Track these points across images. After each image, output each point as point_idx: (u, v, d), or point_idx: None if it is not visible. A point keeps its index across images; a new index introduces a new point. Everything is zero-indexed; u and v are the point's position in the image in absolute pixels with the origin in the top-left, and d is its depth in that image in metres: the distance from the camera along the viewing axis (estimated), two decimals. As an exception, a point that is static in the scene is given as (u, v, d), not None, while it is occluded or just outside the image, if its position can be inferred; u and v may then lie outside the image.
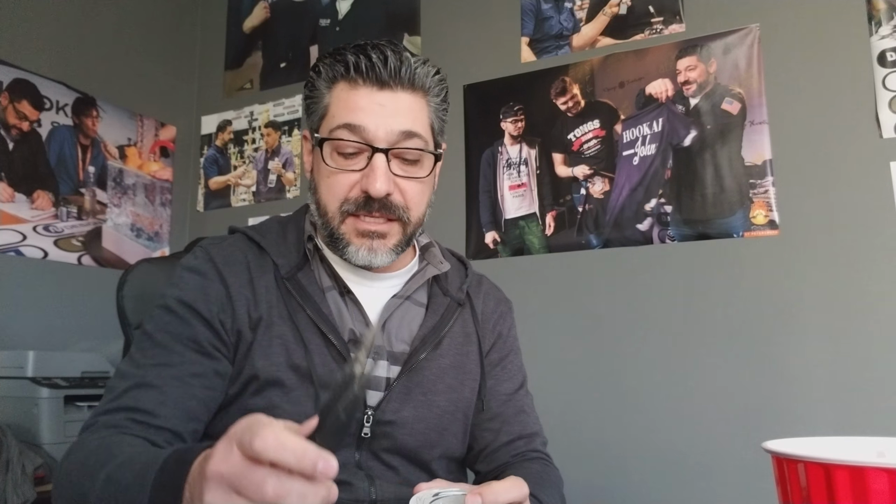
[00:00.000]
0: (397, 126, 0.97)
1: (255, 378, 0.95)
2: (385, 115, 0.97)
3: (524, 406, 1.13)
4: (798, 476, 0.58)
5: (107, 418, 0.89)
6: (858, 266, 2.03)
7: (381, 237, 1.00)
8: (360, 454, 0.98)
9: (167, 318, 0.97)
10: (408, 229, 1.02)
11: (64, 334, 2.51)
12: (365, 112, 0.96)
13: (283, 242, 1.06)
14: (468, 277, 1.15)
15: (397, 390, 1.00)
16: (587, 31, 2.50)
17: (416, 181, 1.00)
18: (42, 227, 2.54)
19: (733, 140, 2.22)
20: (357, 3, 2.98)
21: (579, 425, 2.29)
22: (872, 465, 0.54)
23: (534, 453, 1.09)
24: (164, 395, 0.90)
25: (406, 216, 1.00)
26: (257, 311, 0.98)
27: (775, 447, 0.62)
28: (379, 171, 0.96)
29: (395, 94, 0.98)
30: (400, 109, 0.98)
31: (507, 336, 1.16)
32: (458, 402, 1.06)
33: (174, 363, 0.93)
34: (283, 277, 1.01)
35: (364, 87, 0.97)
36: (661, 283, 2.26)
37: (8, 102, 2.47)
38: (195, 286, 0.98)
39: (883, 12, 2.08)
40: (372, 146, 0.96)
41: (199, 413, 0.94)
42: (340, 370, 0.67)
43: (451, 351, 1.07)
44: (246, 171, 3.09)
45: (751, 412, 2.09)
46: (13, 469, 1.80)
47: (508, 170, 2.56)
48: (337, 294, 1.03)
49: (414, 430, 1.01)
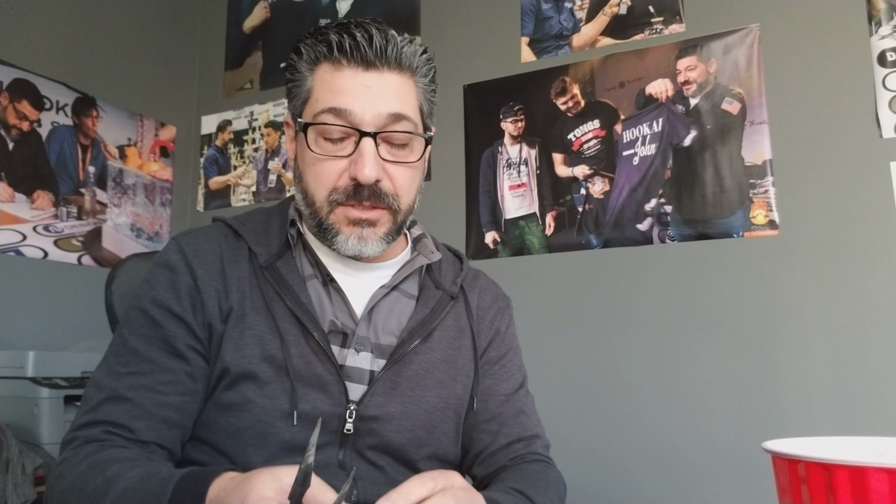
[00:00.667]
0: (385, 108, 0.92)
1: (227, 372, 0.91)
2: (372, 97, 0.91)
3: (524, 407, 1.06)
4: (798, 476, 0.58)
5: (86, 433, 0.87)
6: (858, 266, 2.03)
7: (371, 225, 0.94)
8: (344, 453, 0.93)
9: (140, 320, 0.93)
10: (398, 217, 0.97)
11: (64, 334, 2.51)
12: (350, 95, 0.91)
13: (264, 230, 1.01)
14: (463, 271, 1.10)
15: (382, 384, 0.95)
16: (587, 31, 2.50)
17: (406, 166, 0.95)
18: (42, 227, 2.55)
19: (733, 140, 2.22)
20: (357, 3, 2.98)
21: (578, 425, 2.29)
22: (873, 465, 0.54)
23: (533, 455, 1.03)
24: (138, 408, 0.88)
25: (396, 204, 0.95)
26: (228, 302, 0.93)
27: (775, 447, 0.62)
28: (368, 156, 0.91)
29: (382, 75, 0.93)
30: (387, 91, 0.92)
31: (505, 333, 1.10)
32: (449, 398, 1.00)
33: (145, 371, 0.90)
34: (262, 266, 0.96)
35: (349, 68, 0.92)
36: (661, 283, 2.26)
37: (8, 102, 2.47)
38: (165, 282, 0.94)
39: (883, 12, 2.08)
40: (359, 130, 0.91)
41: (179, 419, 0.90)
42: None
43: (442, 345, 1.02)
44: (246, 171, 3.09)
45: (750, 412, 2.09)
46: (13, 469, 1.80)
47: (508, 170, 2.56)
48: (319, 283, 0.98)
49: (401, 426, 0.95)
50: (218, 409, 0.92)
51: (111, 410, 0.88)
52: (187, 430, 0.92)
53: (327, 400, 0.92)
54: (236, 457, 0.90)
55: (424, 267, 1.06)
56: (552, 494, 0.95)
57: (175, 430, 0.90)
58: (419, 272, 1.06)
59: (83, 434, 0.87)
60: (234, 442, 0.90)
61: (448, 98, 2.70)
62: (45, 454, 1.95)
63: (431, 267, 1.07)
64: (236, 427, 0.90)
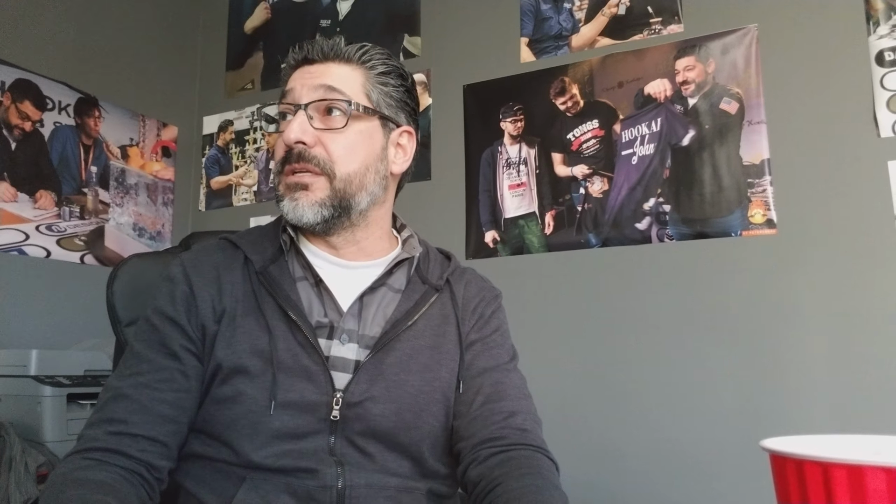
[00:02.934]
0: (318, 82, 1.03)
1: (220, 368, 0.97)
2: (310, 78, 1.04)
3: (503, 379, 1.06)
4: (796, 475, 0.59)
5: (90, 432, 0.94)
6: (856, 264, 2.04)
7: (303, 188, 1.02)
8: (335, 439, 0.97)
9: (144, 327, 1.02)
10: (335, 184, 1.02)
11: (66, 333, 2.52)
12: (292, 82, 1.05)
13: (259, 240, 1.08)
14: (450, 267, 1.14)
15: (366, 371, 0.99)
16: (586, 32, 2.51)
17: (338, 134, 1.02)
18: (45, 227, 2.55)
19: (731, 140, 2.23)
20: (357, 4, 2.99)
21: (578, 424, 2.29)
22: (870, 463, 0.54)
23: (517, 447, 0.97)
24: (136, 404, 0.95)
25: (329, 168, 1.01)
26: (221, 305, 1.01)
27: (773, 445, 0.62)
28: (294, 122, 1.01)
29: (326, 65, 1.05)
30: (326, 74, 1.04)
31: (489, 317, 1.12)
32: (435, 381, 1.03)
33: (144, 371, 0.97)
34: (257, 271, 1.03)
35: (296, 68, 1.07)
36: (660, 281, 2.27)
37: (10, 102, 2.47)
38: (166, 293, 1.03)
39: (881, 12, 2.09)
40: (295, 104, 1.03)
41: (173, 414, 0.96)
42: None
43: (426, 332, 1.05)
44: (247, 171, 3.10)
45: (748, 410, 2.10)
46: (16, 467, 1.81)
47: (508, 169, 2.57)
48: (308, 285, 1.04)
49: (386, 409, 0.98)
50: (214, 402, 0.98)
51: (114, 408, 0.95)
52: (182, 424, 0.98)
53: (314, 389, 0.97)
54: (233, 445, 0.95)
55: (413, 264, 1.10)
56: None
57: (169, 425, 0.96)
58: (408, 269, 1.10)
59: (88, 433, 0.94)
60: (229, 432, 0.96)
61: (448, 98, 2.71)
62: (48, 452, 1.96)
63: (420, 265, 1.11)
64: (230, 418, 0.96)
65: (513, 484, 0.89)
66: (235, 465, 0.95)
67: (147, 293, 1.20)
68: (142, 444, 0.93)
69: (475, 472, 0.96)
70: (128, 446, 0.92)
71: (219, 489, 0.94)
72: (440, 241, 1.24)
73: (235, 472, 0.95)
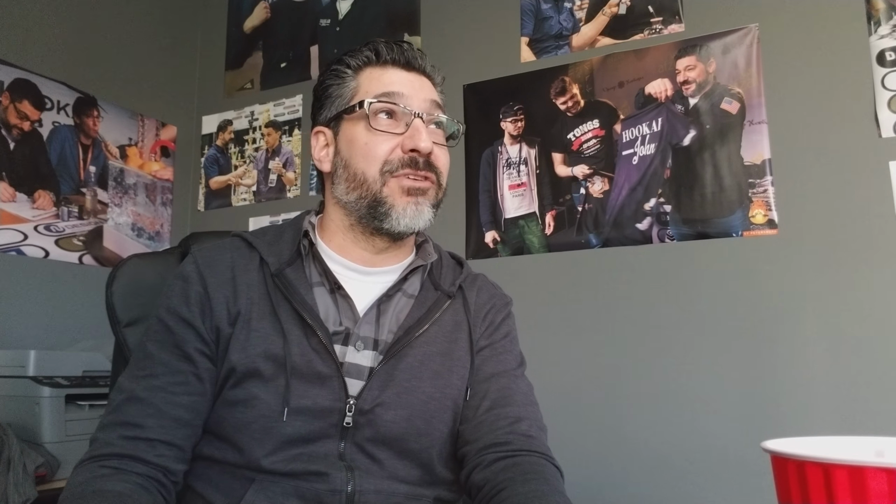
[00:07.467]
0: (429, 96, 1.08)
1: (233, 371, 0.97)
2: (417, 88, 1.07)
3: (510, 384, 1.06)
4: (797, 476, 0.58)
5: (104, 436, 0.94)
6: (858, 265, 2.03)
7: (423, 194, 1.05)
8: (345, 445, 0.97)
9: (156, 328, 1.01)
10: (440, 193, 1.09)
11: (65, 333, 2.51)
12: (399, 85, 1.06)
13: (276, 242, 1.08)
14: (463, 274, 1.15)
15: (378, 377, 0.99)
16: (587, 31, 2.51)
17: (444, 149, 1.10)
18: (43, 227, 2.55)
19: (732, 139, 2.22)
20: (357, 3, 2.98)
21: (577, 424, 2.29)
22: (871, 464, 0.54)
23: (525, 454, 0.97)
24: (151, 407, 0.95)
25: (441, 179, 1.08)
26: (236, 307, 1.00)
27: (774, 447, 0.62)
28: (424, 130, 1.04)
29: (420, 76, 1.09)
30: (426, 87, 1.09)
31: (499, 324, 1.14)
32: (446, 388, 1.03)
33: (158, 374, 0.97)
34: (272, 274, 1.02)
35: (393, 67, 1.07)
36: (661, 282, 2.26)
37: (9, 102, 2.47)
38: (179, 292, 1.02)
39: (882, 12, 2.09)
40: (413, 111, 1.04)
41: (189, 417, 0.96)
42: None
43: (438, 338, 1.06)
44: (246, 171, 3.09)
45: (750, 411, 2.09)
46: (14, 468, 1.80)
47: (508, 169, 2.56)
48: (325, 291, 1.04)
49: (397, 416, 0.98)
50: (226, 405, 0.98)
51: (128, 410, 0.95)
52: (197, 427, 0.98)
53: (327, 395, 0.97)
54: (243, 448, 0.95)
55: (427, 270, 1.11)
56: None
57: (185, 429, 0.96)
58: (422, 275, 1.11)
59: (102, 437, 0.94)
60: (240, 436, 0.96)
61: (448, 98, 2.69)
62: (46, 453, 1.95)
63: (433, 271, 1.12)
64: (242, 422, 0.96)
65: (518, 489, 0.89)
66: (244, 468, 0.95)
67: (147, 293, 1.20)
68: (158, 448, 0.93)
69: (479, 476, 0.96)
70: (144, 451, 0.92)
71: (227, 490, 0.95)
72: (440, 242, 1.24)
73: (244, 474, 0.95)
